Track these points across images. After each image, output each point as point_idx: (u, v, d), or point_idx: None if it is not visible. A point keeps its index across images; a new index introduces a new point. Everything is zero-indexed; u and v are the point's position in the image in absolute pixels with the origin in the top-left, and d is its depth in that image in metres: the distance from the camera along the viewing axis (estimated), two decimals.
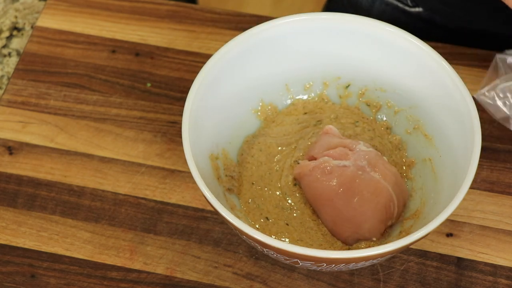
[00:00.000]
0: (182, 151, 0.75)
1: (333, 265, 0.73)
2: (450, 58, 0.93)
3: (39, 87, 0.94)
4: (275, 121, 0.88)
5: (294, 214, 0.82)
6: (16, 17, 1.01)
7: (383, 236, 0.80)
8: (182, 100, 0.89)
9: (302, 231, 0.81)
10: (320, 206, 0.80)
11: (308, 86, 0.88)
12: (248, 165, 0.84)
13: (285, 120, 0.88)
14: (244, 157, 0.85)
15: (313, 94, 0.89)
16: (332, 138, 0.82)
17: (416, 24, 1.01)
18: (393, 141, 0.86)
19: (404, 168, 0.85)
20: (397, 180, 0.79)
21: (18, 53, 0.98)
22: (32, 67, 0.95)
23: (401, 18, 1.02)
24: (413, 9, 1.00)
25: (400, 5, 1.01)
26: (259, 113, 0.87)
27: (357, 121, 0.87)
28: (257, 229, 0.81)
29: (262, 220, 0.81)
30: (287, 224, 0.81)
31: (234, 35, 0.82)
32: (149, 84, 0.94)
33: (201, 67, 0.80)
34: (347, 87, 0.88)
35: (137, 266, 0.83)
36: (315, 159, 0.82)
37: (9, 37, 1.00)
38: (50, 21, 0.99)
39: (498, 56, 0.86)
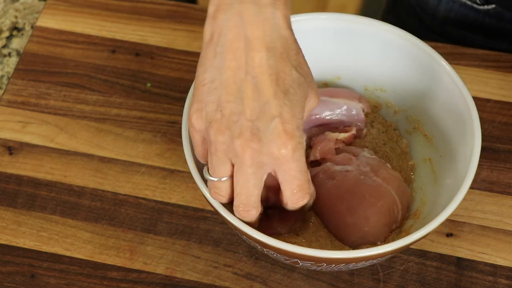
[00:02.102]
0: (182, 151, 0.75)
1: (333, 265, 0.73)
2: (450, 58, 0.93)
3: (39, 87, 0.94)
4: None
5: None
6: (16, 17, 1.01)
7: (388, 240, 0.80)
8: (182, 100, 0.89)
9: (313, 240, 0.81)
10: (324, 211, 0.80)
11: None
12: None
13: None
14: None
15: None
16: (334, 144, 0.82)
17: (484, 19, 1.00)
18: (401, 146, 0.86)
19: (408, 172, 0.84)
20: (400, 184, 0.79)
21: (18, 53, 0.98)
22: (32, 67, 0.95)
23: (469, 15, 1.00)
24: (481, 7, 0.99)
25: (469, 2, 0.99)
26: None
27: (373, 121, 0.87)
28: None
29: None
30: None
31: None
32: (149, 84, 0.94)
33: None
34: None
35: (137, 266, 0.83)
36: (318, 163, 0.82)
37: (9, 37, 1.00)
38: (50, 21, 0.99)
39: None
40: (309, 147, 0.84)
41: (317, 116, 0.84)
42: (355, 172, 0.78)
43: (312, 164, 0.83)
